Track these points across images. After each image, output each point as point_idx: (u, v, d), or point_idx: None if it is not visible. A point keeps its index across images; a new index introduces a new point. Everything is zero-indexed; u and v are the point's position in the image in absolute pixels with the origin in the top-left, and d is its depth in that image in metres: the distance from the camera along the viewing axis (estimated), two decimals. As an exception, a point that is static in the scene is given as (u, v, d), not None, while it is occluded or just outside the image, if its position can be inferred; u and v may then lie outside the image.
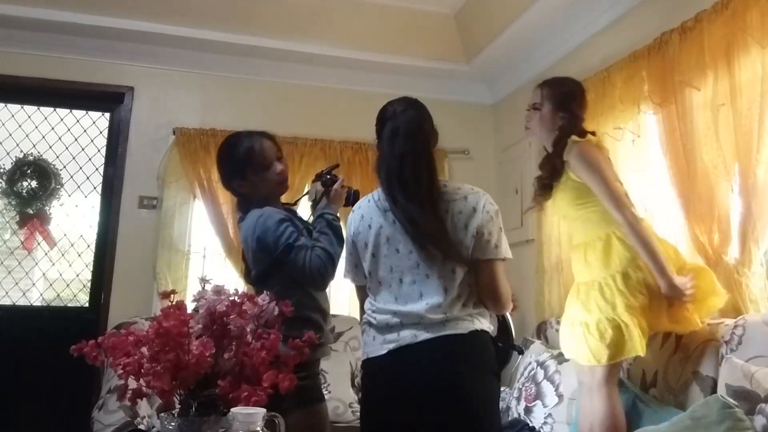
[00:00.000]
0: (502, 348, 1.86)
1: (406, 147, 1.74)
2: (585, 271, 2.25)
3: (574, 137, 2.25)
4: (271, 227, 1.91)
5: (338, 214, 2.06)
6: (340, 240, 1.98)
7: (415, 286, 1.72)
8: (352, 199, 2.12)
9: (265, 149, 2.07)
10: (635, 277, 2.13)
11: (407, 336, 1.69)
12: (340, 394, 3.31)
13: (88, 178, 3.88)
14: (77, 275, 3.79)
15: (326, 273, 1.90)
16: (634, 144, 2.86)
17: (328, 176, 2.08)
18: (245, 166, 2.03)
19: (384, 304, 1.76)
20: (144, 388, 1.25)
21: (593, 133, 2.34)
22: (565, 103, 2.33)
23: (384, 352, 1.71)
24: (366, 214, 1.83)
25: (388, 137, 1.78)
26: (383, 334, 1.74)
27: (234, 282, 3.73)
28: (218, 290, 1.33)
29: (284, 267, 1.90)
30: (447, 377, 1.65)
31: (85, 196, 3.87)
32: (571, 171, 2.23)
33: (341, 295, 4.05)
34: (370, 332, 1.79)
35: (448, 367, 1.66)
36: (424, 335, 1.67)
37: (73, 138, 3.89)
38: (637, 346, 2.08)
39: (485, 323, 1.74)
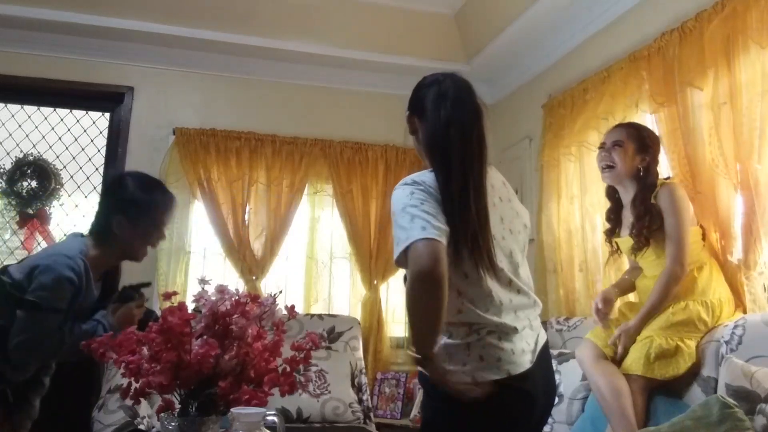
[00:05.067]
0: None
1: (455, 113, 1.49)
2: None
3: (662, 179, 2.33)
4: (51, 280, 1.74)
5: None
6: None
7: None
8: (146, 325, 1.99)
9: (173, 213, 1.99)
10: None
11: None
12: (340, 394, 3.31)
13: (88, 178, 3.88)
14: (77, 275, 3.78)
15: (30, 360, 1.76)
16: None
17: (133, 291, 1.93)
18: (153, 211, 1.90)
19: None
20: (146, 389, 1.25)
21: (668, 178, 2.39)
22: (647, 147, 2.38)
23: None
24: None
25: (434, 100, 1.51)
26: None
27: (233, 282, 3.73)
28: (221, 290, 1.33)
29: (20, 310, 1.74)
30: None
31: (85, 196, 3.87)
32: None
33: (342, 295, 4.05)
34: None
35: None
36: None
37: (73, 138, 3.89)
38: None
39: None
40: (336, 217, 4.03)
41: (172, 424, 1.26)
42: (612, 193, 2.53)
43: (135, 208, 1.86)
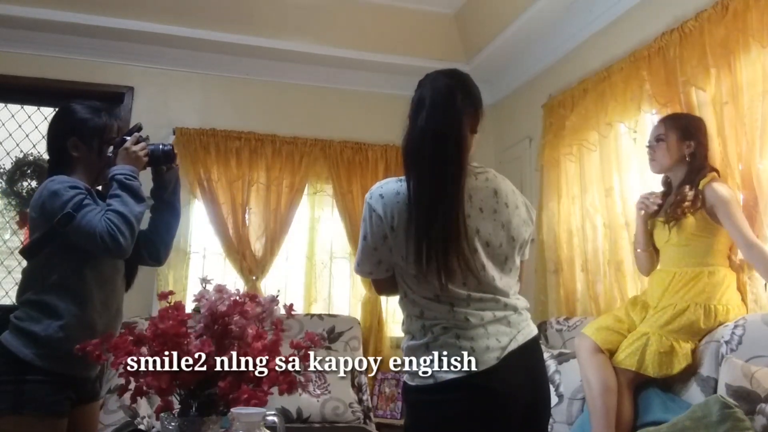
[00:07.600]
0: None
1: (430, 123, 1.48)
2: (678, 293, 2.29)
3: (714, 174, 2.31)
4: (59, 191, 1.72)
5: (134, 173, 1.82)
6: (137, 197, 1.78)
7: None
8: (162, 156, 1.92)
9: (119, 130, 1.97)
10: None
11: None
12: (340, 394, 3.31)
13: (88, 178, 3.89)
14: (77, 275, 3.78)
15: (116, 233, 1.69)
16: (635, 143, 2.86)
17: (121, 139, 1.89)
18: (102, 130, 1.89)
19: None
20: (144, 387, 1.25)
21: (716, 170, 2.36)
22: (691, 133, 2.36)
23: None
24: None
25: (414, 106, 1.53)
26: None
27: (233, 283, 3.73)
28: (220, 290, 1.33)
29: (60, 237, 1.72)
30: None
31: (85, 196, 3.87)
32: (706, 203, 2.26)
33: (342, 295, 4.05)
34: None
35: None
36: None
37: (73, 138, 3.90)
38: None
39: None
40: (336, 217, 4.03)
41: (172, 424, 1.26)
42: (665, 179, 2.51)
43: (86, 129, 1.87)
